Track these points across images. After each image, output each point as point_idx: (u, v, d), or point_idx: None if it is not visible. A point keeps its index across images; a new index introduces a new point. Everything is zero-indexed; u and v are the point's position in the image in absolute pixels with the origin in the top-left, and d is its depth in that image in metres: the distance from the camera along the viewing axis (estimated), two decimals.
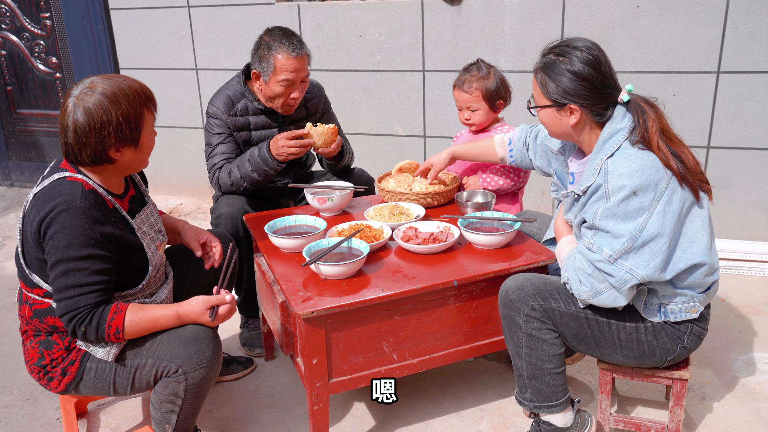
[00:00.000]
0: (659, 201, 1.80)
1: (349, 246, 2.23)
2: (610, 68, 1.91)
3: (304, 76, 2.70)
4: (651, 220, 1.79)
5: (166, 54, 4.64)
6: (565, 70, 1.88)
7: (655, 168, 1.81)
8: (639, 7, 3.51)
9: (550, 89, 1.92)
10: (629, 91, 1.91)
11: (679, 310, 1.93)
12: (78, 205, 1.83)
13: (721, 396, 2.47)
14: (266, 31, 2.71)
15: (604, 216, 1.83)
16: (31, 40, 5.01)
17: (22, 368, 2.76)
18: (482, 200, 2.62)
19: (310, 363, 2.02)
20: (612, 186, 1.81)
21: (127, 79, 1.93)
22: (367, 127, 4.31)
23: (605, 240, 1.84)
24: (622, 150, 1.85)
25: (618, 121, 1.89)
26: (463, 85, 2.70)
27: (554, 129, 2.02)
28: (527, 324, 1.98)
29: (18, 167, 5.42)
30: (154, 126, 2.00)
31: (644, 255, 1.81)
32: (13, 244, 4.19)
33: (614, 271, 1.83)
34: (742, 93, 3.49)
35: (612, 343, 1.99)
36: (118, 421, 2.46)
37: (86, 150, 1.86)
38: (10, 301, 3.41)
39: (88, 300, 1.86)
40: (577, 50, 1.89)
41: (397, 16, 3.99)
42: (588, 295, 1.89)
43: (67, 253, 1.82)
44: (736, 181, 3.62)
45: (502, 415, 2.40)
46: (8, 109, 5.26)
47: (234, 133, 2.78)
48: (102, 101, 1.83)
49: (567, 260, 1.97)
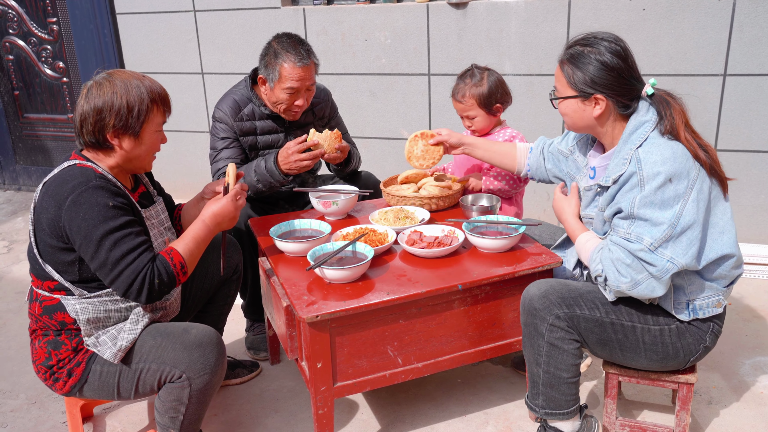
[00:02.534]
0: (692, 189, 1.81)
1: (353, 250, 2.23)
2: (634, 61, 1.93)
3: (309, 85, 2.68)
4: (687, 208, 1.80)
5: (172, 58, 4.66)
6: (594, 59, 1.89)
7: (686, 156, 1.82)
8: (645, 10, 3.50)
9: (577, 79, 1.92)
10: (653, 85, 1.92)
11: (706, 306, 1.93)
12: (95, 183, 1.88)
13: (727, 400, 2.46)
14: (275, 37, 2.71)
15: (642, 204, 1.82)
16: (38, 45, 5.04)
17: (29, 372, 2.77)
18: (487, 204, 2.62)
19: (314, 367, 2.01)
20: (647, 173, 1.81)
21: (147, 78, 2.00)
22: (372, 131, 4.31)
23: (644, 228, 1.83)
24: (651, 139, 1.86)
25: (643, 114, 1.90)
26: (458, 95, 2.70)
27: (577, 121, 2.00)
28: (551, 333, 1.96)
29: (25, 171, 5.45)
30: (161, 127, 2.02)
31: (683, 243, 1.81)
32: (20, 248, 4.21)
33: (655, 260, 1.82)
34: (748, 96, 3.47)
35: (636, 347, 1.98)
36: (124, 425, 2.47)
37: (86, 127, 1.93)
38: (17, 305, 3.42)
39: (147, 257, 1.91)
40: (605, 41, 1.90)
41: (402, 20, 4.00)
42: (627, 286, 1.87)
43: (107, 226, 1.86)
44: (743, 184, 3.61)
45: (507, 419, 2.39)
46: (16, 113, 5.29)
47: (240, 138, 2.78)
48: (112, 85, 1.92)
49: (599, 253, 1.94)
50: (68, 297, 1.96)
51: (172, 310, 2.17)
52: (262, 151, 2.81)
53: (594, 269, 1.96)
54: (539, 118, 3.89)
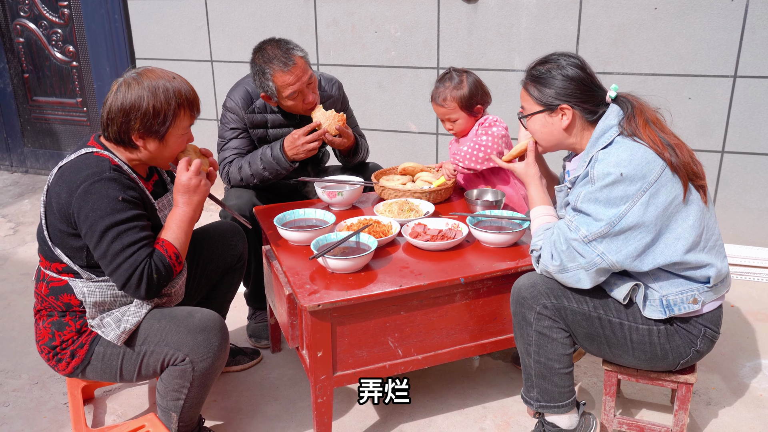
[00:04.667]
0: (645, 192, 1.81)
1: (357, 240, 2.24)
2: (593, 71, 2.03)
3: (307, 79, 2.63)
4: (632, 210, 1.81)
5: (181, 45, 4.66)
6: (557, 74, 1.98)
7: (645, 160, 1.83)
8: (657, 8, 3.48)
9: (543, 95, 2.01)
10: (615, 89, 1.99)
11: (681, 301, 1.91)
12: (108, 175, 1.90)
13: (726, 401, 2.46)
14: (255, 52, 2.64)
15: (587, 199, 1.86)
16: (48, 28, 5.05)
17: (32, 352, 2.79)
18: (492, 198, 2.62)
19: (315, 356, 2.02)
20: (597, 172, 1.85)
21: (178, 78, 2.01)
22: (380, 123, 4.31)
23: (584, 221, 1.87)
24: (616, 143, 1.90)
25: (612, 118, 1.95)
26: (438, 99, 2.69)
27: (546, 136, 2.07)
28: (538, 322, 1.98)
29: (33, 154, 5.47)
30: (188, 129, 2.06)
31: (618, 241, 1.84)
32: (26, 230, 4.24)
33: (586, 252, 1.86)
34: (758, 98, 3.45)
35: (624, 344, 1.98)
36: (124, 408, 2.48)
37: (113, 126, 1.96)
38: (22, 287, 3.45)
39: (145, 252, 1.92)
40: (563, 56, 2.01)
41: (413, 13, 3.99)
42: (555, 269, 1.92)
43: (113, 219, 1.88)
44: (750, 186, 3.59)
45: (506, 413, 2.40)
46: (25, 96, 5.31)
47: (250, 130, 2.78)
48: (141, 88, 1.93)
49: (546, 231, 2.00)
50: (76, 279, 1.98)
51: (176, 297, 2.18)
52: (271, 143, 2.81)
53: (534, 243, 2.03)
54: None
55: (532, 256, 2.03)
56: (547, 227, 2.02)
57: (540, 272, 2.00)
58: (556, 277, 1.95)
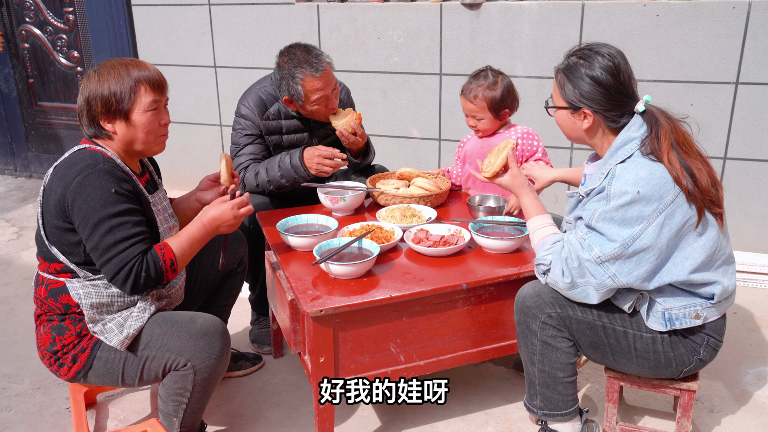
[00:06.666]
0: (661, 213, 1.78)
1: (359, 246, 2.24)
2: (629, 77, 1.91)
3: (334, 85, 2.69)
4: (647, 231, 1.79)
5: (185, 51, 4.68)
6: (584, 74, 1.89)
7: (663, 180, 1.79)
8: (659, 15, 3.49)
9: (567, 91, 1.93)
10: (646, 102, 1.90)
11: (683, 316, 1.90)
12: (102, 167, 1.91)
13: (729, 409, 2.45)
14: (282, 55, 2.66)
15: (602, 218, 1.82)
16: (53, 34, 5.07)
17: (34, 357, 2.79)
18: (494, 204, 2.62)
19: (317, 361, 2.03)
20: (614, 190, 1.80)
21: (136, 62, 2.02)
22: (382, 129, 4.32)
23: (597, 240, 1.83)
24: (633, 158, 1.84)
25: (634, 130, 1.88)
26: (469, 94, 2.67)
27: (568, 131, 2.03)
28: (543, 331, 1.97)
29: (37, 159, 5.49)
30: (153, 106, 2.00)
31: (630, 263, 1.82)
32: (29, 235, 4.25)
33: (598, 273, 1.84)
34: (760, 104, 3.46)
35: (628, 353, 1.98)
36: (127, 413, 2.49)
37: (84, 119, 2.00)
38: (25, 291, 3.46)
39: (139, 248, 1.92)
40: (600, 55, 1.89)
41: (415, 19, 4.00)
42: (564, 286, 1.89)
43: (105, 212, 1.88)
44: (753, 193, 3.59)
45: (508, 420, 2.40)
46: (29, 101, 5.33)
47: (265, 136, 2.79)
48: (96, 74, 1.97)
49: (554, 245, 1.95)
50: (73, 280, 1.98)
51: (176, 298, 2.19)
52: (286, 149, 2.81)
53: (541, 257, 1.97)
54: (549, 120, 3.85)
55: (537, 269, 1.99)
56: (555, 240, 1.97)
57: (543, 281, 1.98)
58: (565, 294, 1.92)
